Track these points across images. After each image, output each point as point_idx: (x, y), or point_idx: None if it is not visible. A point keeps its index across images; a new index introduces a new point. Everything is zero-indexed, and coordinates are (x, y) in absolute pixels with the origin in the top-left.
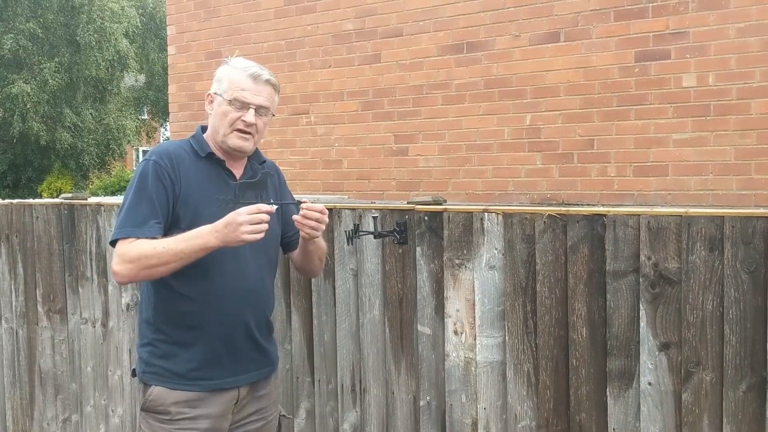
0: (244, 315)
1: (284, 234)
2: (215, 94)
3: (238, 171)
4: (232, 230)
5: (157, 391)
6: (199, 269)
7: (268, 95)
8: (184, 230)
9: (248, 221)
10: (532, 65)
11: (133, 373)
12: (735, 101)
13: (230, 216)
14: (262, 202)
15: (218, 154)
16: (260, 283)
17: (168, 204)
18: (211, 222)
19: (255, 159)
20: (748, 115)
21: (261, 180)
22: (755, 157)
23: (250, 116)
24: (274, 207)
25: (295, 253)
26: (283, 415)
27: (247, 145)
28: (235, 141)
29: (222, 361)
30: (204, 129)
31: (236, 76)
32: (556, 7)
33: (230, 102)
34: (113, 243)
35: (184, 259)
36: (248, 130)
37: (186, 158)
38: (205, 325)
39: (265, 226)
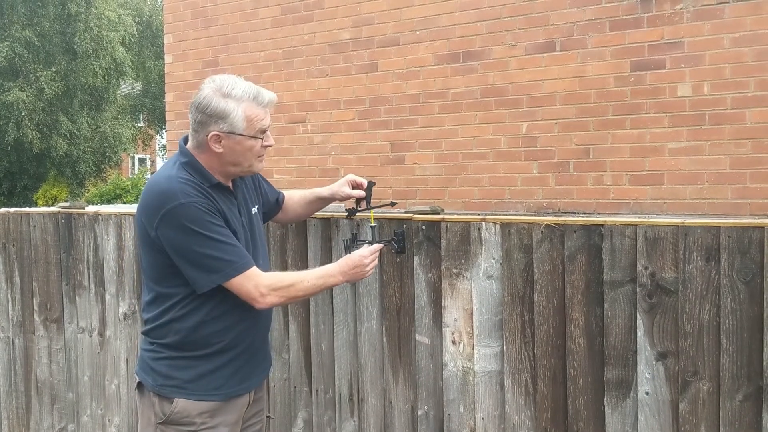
0: (261, 322)
1: (269, 205)
2: (230, 134)
3: (231, 187)
4: (359, 270)
5: (182, 404)
6: (229, 291)
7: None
8: None
9: (371, 261)
10: (528, 74)
11: (139, 386)
12: (730, 110)
13: (357, 259)
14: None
15: (223, 182)
16: None
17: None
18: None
19: None
20: (743, 125)
21: (368, 189)
22: (750, 166)
23: (271, 139)
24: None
25: (300, 205)
26: (268, 416)
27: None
28: (260, 165)
29: (241, 370)
30: (185, 141)
31: (251, 109)
32: (552, 16)
33: (255, 136)
34: (229, 276)
35: (317, 294)
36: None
37: (206, 193)
38: (229, 339)
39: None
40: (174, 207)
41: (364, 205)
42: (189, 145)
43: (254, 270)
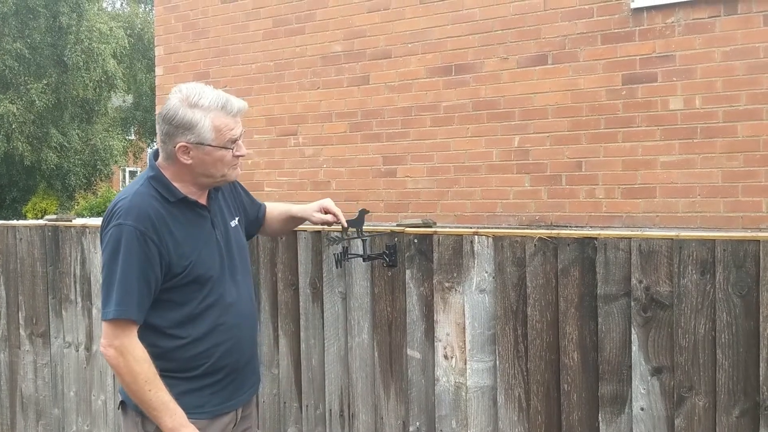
0: (246, 339)
1: (249, 219)
2: (198, 144)
3: (204, 200)
4: None
5: None
6: (206, 311)
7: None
8: (182, 278)
9: None
10: (520, 87)
11: (122, 405)
12: (721, 124)
13: None
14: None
15: (190, 196)
16: (252, 303)
17: (157, 283)
18: (206, 262)
19: None
20: (735, 138)
21: (360, 217)
22: (742, 179)
23: (244, 149)
24: None
25: (278, 221)
26: None
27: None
28: (233, 174)
29: (227, 389)
30: (156, 156)
31: (219, 119)
32: (544, 30)
33: (224, 147)
34: (108, 318)
35: (141, 407)
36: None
37: (164, 213)
38: (213, 361)
39: None
40: (113, 226)
41: (350, 232)
42: (159, 157)
43: (131, 325)
